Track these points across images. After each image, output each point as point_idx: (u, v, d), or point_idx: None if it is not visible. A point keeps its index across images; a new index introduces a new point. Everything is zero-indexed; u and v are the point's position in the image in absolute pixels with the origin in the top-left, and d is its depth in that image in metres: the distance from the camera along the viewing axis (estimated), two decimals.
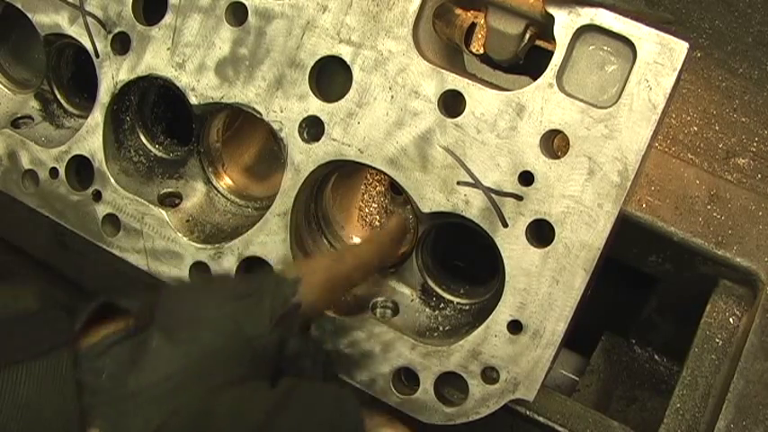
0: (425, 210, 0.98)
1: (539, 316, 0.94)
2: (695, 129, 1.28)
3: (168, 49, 1.06)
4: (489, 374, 0.97)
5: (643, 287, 1.32)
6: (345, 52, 0.99)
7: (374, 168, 1.00)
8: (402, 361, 1.00)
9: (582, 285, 0.93)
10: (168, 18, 1.06)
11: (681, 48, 0.88)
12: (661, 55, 0.88)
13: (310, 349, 0.89)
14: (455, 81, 0.95)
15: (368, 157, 0.99)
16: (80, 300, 0.81)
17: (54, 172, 1.14)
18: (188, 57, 1.06)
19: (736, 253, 1.11)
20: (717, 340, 1.09)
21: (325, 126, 1.01)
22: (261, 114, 1.03)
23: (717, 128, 1.28)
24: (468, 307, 1.08)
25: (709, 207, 1.14)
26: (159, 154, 1.20)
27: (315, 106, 1.01)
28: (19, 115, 1.24)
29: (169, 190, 1.17)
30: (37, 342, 0.74)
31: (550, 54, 0.93)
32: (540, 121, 0.93)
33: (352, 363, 1.01)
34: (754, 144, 1.26)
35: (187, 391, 0.76)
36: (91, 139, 1.12)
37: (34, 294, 0.80)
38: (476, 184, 0.95)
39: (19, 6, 1.15)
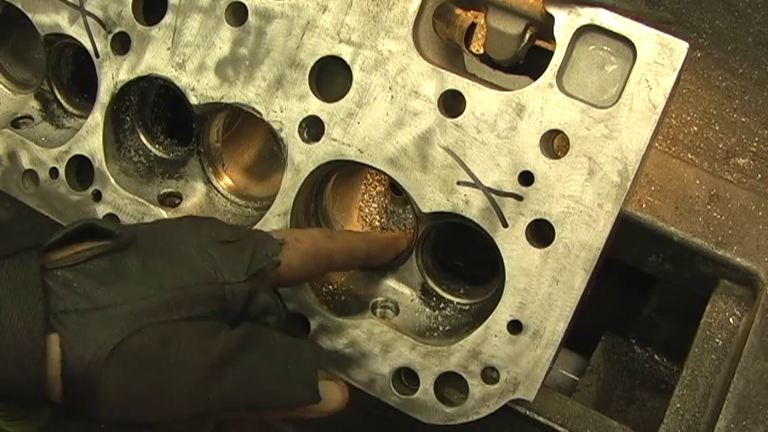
0: (425, 210, 0.98)
1: (539, 316, 0.94)
2: (695, 129, 1.28)
3: (168, 49, 1.06)
4: (489, 374, 0.97)
5: (643, 287, 1.32)
6: (345, 52, 0.99)
7: (374, 168, 1.00)
8: (402, 361, 1.00)
9: (582, 285, 0.93)
10: (168, 18, 1.06)
11: (681, 48, 0.88)
12: (661, 55, 0.88)
13: (278, 307, 0.89)
14: (455, 81, 0.95)
15: (368, 157, 0.99)
16: None
17: (54, 172, 1.14)
18: (188, 57, 1.06)
19: (736, 253, 1.11)
20: (717, 340, 1.09)
21: (325, 126, 1.01)
22: (261, 114, 1.03)
23: (717, 128, 1.28)
24: (468, 307, 1.08)
25: (709, 207, 1.13)
26: (159, 154, 1.20)
27: (315, 106, 1.01)
28: (19, 115, 1.24)
29: (169, 190, 1.17)
30: (6, 245, 0.74)
31: (550, 54, 0.93)
32: (540, 121, 0.93)
33: (351, 363, 1.01)
34: (754, 144, 1.26)
35: (152, 316, 0.76)
36: (91, 139, 1.12)
37: (6, 208, 0.81)
38: (476, 184, 0.95)
39: (19, 6, 1.15)
